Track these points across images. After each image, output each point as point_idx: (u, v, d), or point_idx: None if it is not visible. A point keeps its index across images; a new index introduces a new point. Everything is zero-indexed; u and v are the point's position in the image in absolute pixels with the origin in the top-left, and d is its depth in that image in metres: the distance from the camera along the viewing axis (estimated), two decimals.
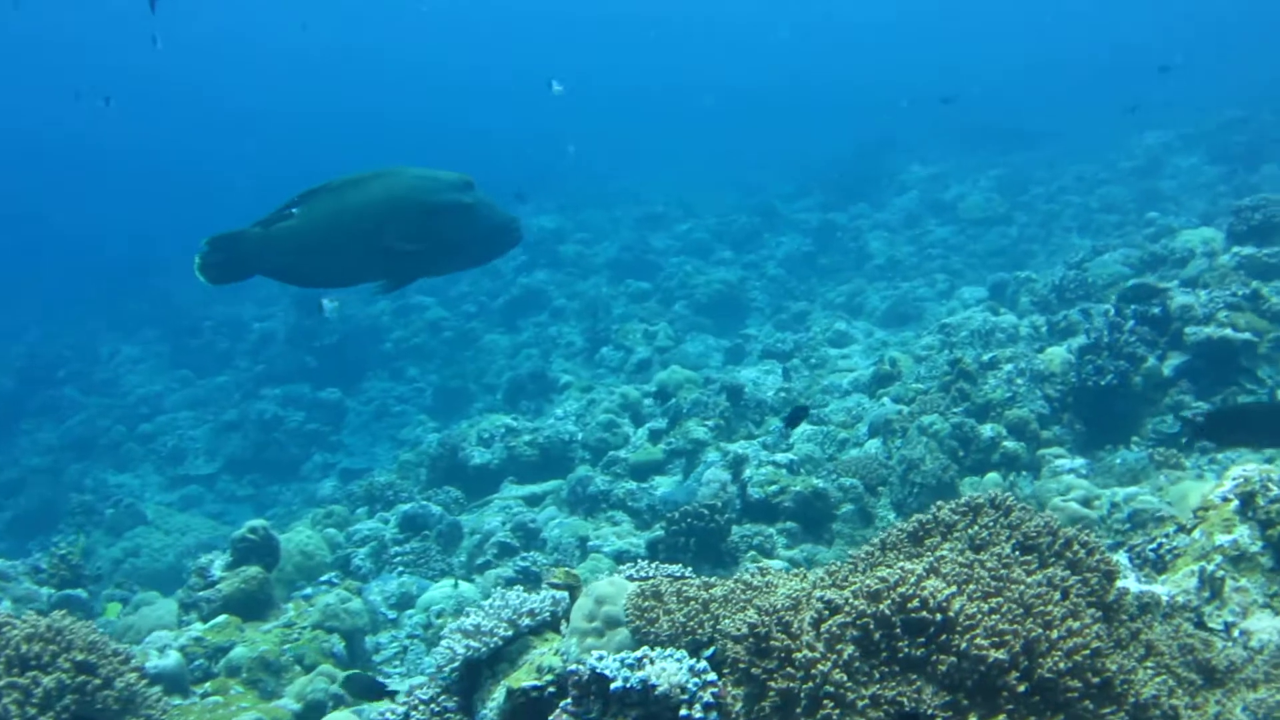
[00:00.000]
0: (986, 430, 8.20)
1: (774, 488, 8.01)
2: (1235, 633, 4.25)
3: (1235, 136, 21.82)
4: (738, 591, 4.03)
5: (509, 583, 7.68)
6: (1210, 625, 4.33)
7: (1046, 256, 17.94)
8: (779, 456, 8.41)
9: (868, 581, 3.35)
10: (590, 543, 8.18)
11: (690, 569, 7.31)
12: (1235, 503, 4.60)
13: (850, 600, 3.29)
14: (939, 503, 4.14)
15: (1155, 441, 8.06)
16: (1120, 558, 4.90)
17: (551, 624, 4.52)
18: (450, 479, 10.43)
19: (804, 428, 9.72)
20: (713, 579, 4.27)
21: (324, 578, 8.23)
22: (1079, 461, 8.00)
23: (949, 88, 33.42)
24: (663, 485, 9.23)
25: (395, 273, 5.79)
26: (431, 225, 5.57)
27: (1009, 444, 8.13)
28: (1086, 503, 6.73)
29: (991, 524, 4.00)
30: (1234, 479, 4.72)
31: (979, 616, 3.16)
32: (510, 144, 36.80)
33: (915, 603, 3.21)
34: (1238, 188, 18.50)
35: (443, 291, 20.00)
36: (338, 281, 6.16)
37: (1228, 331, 8.19)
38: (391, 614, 7.86)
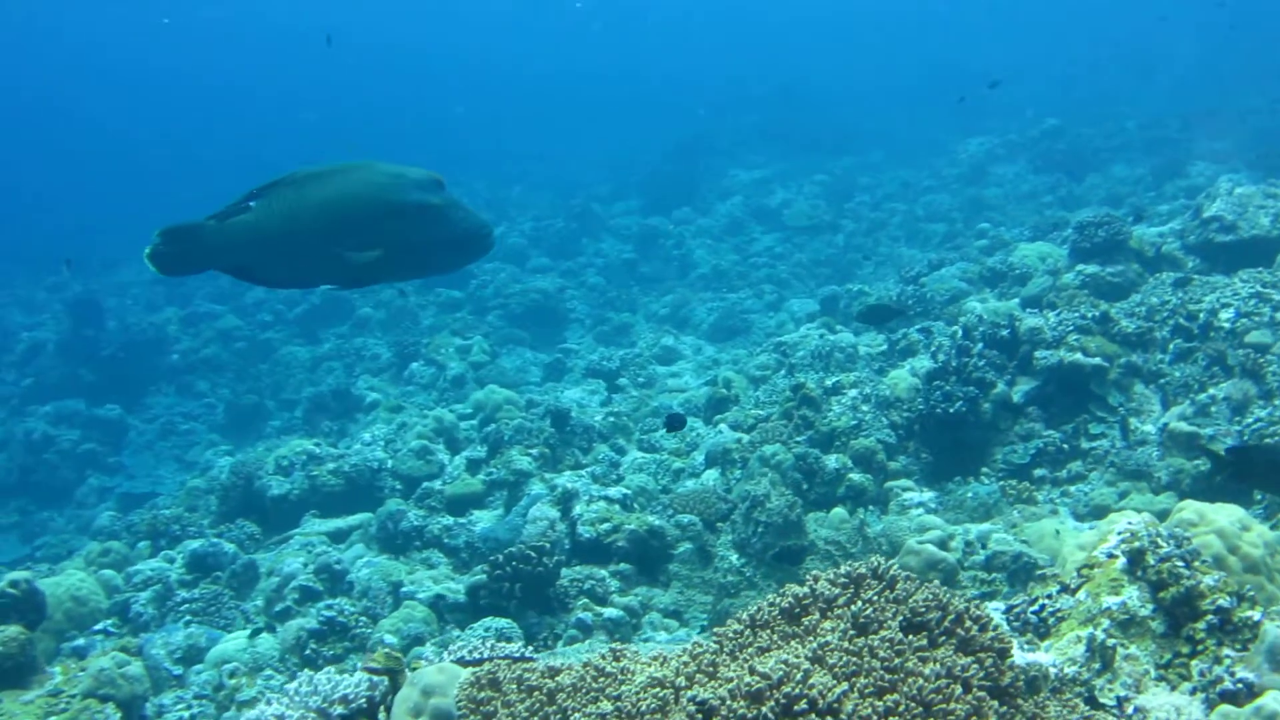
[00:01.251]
0: (831, 461, 7.73)
1: (606, 526, 7.42)
2: (1129, 709, 3.80)
3: (1056, 145, 22.01)
4: (589, 679, 3.42)
5: (314, 635, 6.93)
6: (1102, 700, 3.86)
7: (875, 266, 17.73)
8: (611, 491, 7.81)
9: (747, 679, 2.83)
10: (404, 588, 7.44)
11: (515, 621, 6.82)
12: (1122, 560, 4.14)
13: (727, 702, 2.79)
14: (814, 574, 3.60)
15: (1005, 473, 7.70)
16: (996, 616, 4.42)
17: (369, 712, 3.84)
18: (245, 511, 9.47)
19: (635, 455, 9.15)
20: (558, 662, 3.66)
21: (99, 626, 7.36)
22: (928, 495, 7.60)
23: (769, 88, 33.60)
24: (483, 520, 8.55)
25: (356, 276, 5.34)
26: (394, 226, 5.05)
27: (855, 476, 7.67)
28: (943, 544, 6.27)
29: (876, 598, 3.48)
30: (1119, 534, 4.27)
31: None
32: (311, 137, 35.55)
33: (803, 704, 2.74)
34: (1064, 198, 18.61)
35: (236, 298, 18.87)
36: (297, 281, 5.73)
37: (1078, 356, 7.86)
38: (177, 670, 6.99)
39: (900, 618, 3.38)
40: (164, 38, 51.17)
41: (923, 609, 3.41)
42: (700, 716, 2.81)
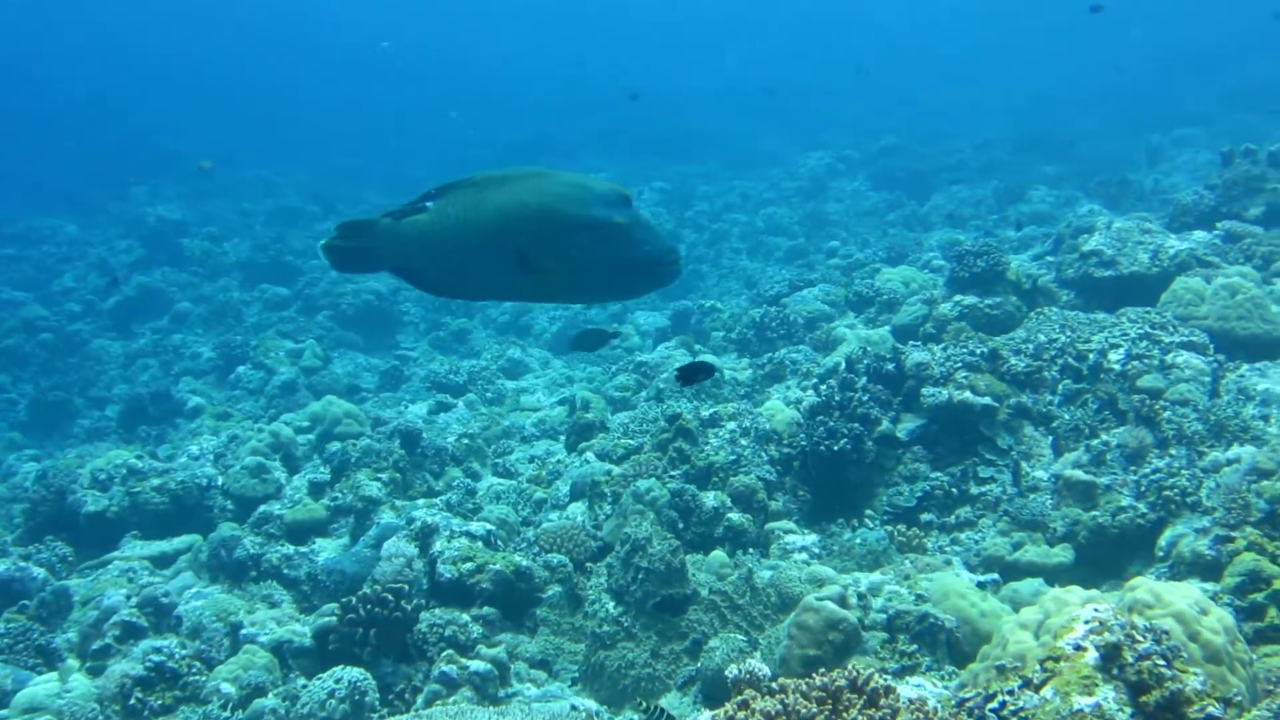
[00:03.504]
0: (709, 499, 7.21)
1: (469, 565, 6.77)
2: None
3: (895, 162, 22.02)
4: None
5: (140, 682, 6.12)
6: None
7: (718, 279, 17.37)
8: (474, 526, 7.14)
9: None
10: (243, 629, 6.67)
11: (369, 671, 6.12)
12: (1094, 655, 3.68)
13: None
14: (784, 683, 3.06)
15: (891, 516, 7.28)
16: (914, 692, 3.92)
17: None
18: (55, 528, 8.47)
19: (491, 481, 8.52)
20: None
21: None
22: (810, 538, 7.13)
23: (611, 91, 33.16)
24: (326, 550, 7.83)
25: (528, 291, 4.90)
26: (572, 242, 4.43)
27: (734, 516, 7.17)
28: (842, 600, 5.78)
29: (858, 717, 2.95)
30: (1086, 622, 3.81)
31: None
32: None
33: None
34: (907, 217, 18.52)
35: (41, 285, 17.62)
36: (465, 291, 5.16)
37: (967, 395, 7.49)
38: None
39: None
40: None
41: None
42: None
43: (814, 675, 3.13)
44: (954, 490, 7.30)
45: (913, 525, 7.16)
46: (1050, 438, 7.51)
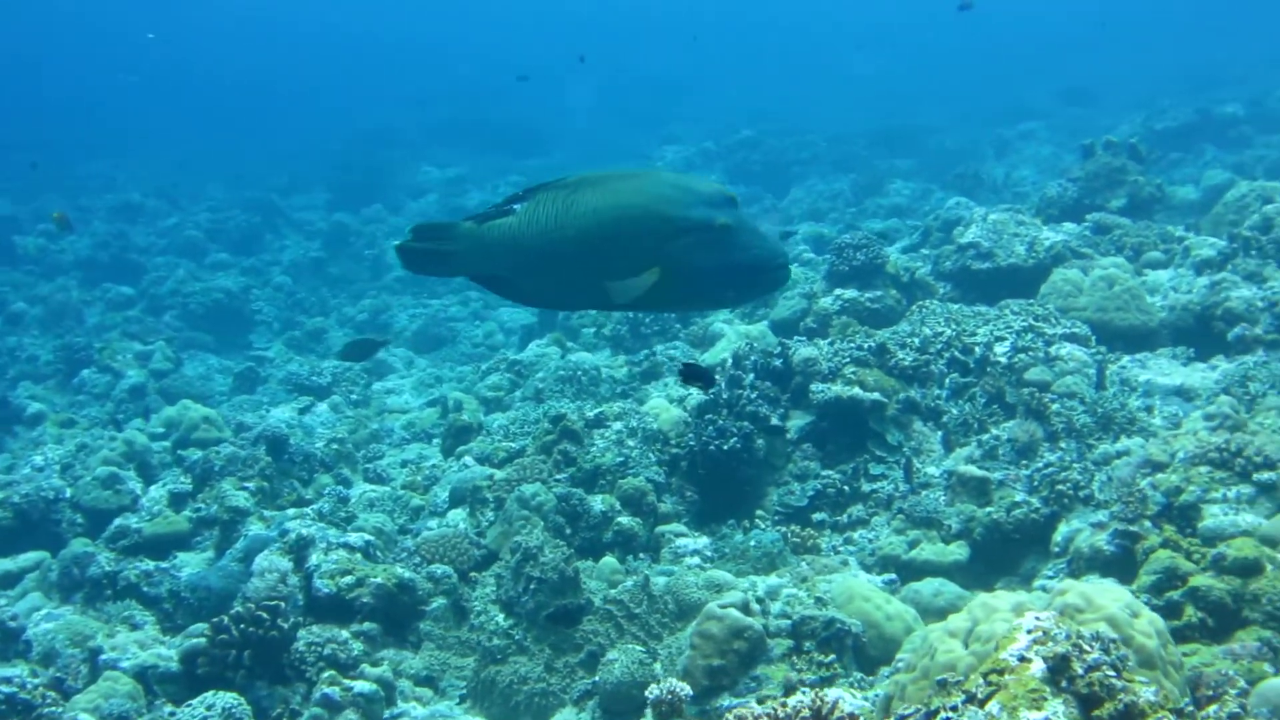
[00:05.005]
0: (598, 503, 6.97)
1: (349, 579, 6.42)
2: None
3: (752, 155, 22.02)
4: None
5: None
6: None
7: None
8: (352, 538, 6.78)
9: None
10: (103, 655, 6.22)
11: (243, 696, 5.74)
12: (1040, 667, 3.51)
13: None
14: (742, 714, 2.84)
15: (783, 516, 7.12)
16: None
17: None
18: None
19: (364, 488, 8.17)
20: None
21: None
22: (702, 541, 6.93)
23: (458, 83, 32.75)
24: (190, 565, 7.40)
25: (625, 300, 4.35)
26: (673, 247, 3.98)
27: (624, 520, 6.94)
28: (745, 607, 5.58)
29: None
30: (1029, 631, 3.65)
31: None
32: None
33: None
34: (768, 210, 18.50)
35: None
36: (557, 300, 4.80)
37: (856, 390, 7.36)
38: None
39: None
40: None
41: None
42: None
43: (774, 704, 2.91)
44: (846, 488, 7.17)
45: (806, 525, 7.02)
46: (940, 433, 7.43)
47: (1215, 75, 26.15)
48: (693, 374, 5.32)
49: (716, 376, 7.44)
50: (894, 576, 6.34)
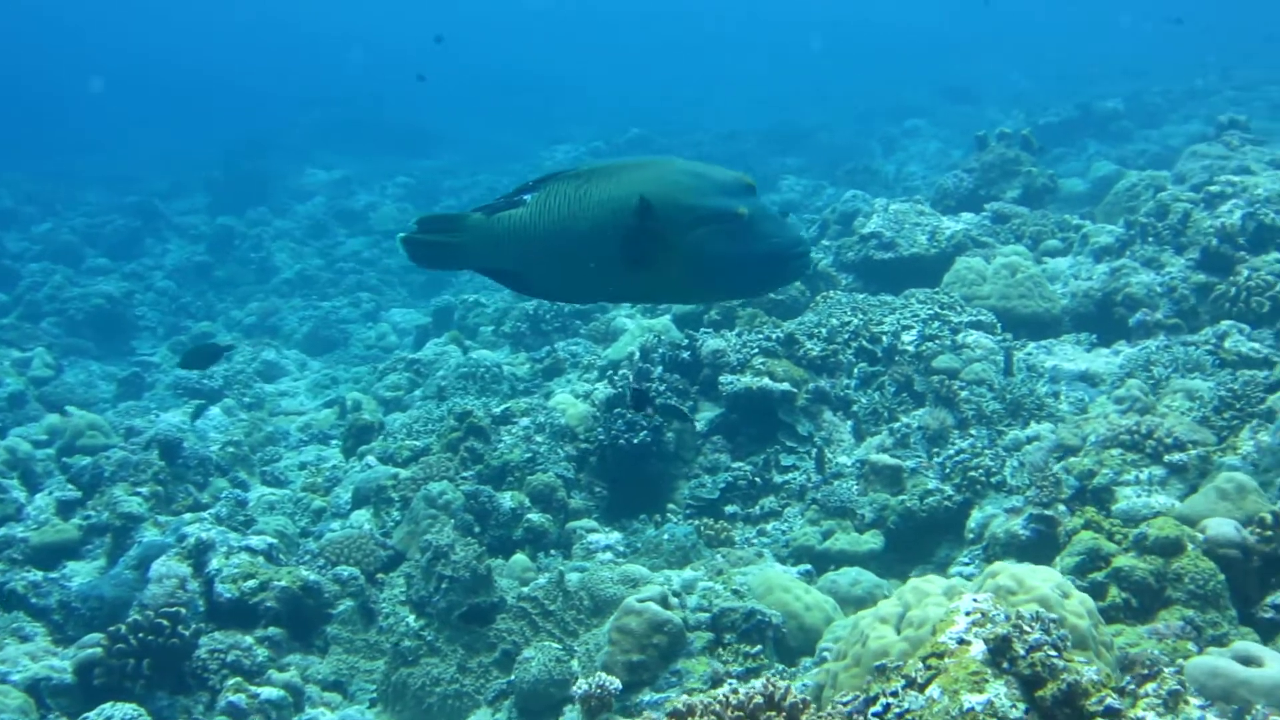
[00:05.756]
0: (507, 500, 6.82)
1: (252, 583, 6.20)
2: None
3: (645, 153, 21.97)
4: None
5: None
6: None
7: (471, 275, 16.92)
8: (254, 541, 6.55)
9: None
10: None
11: (142, 706, 5.51)
12: (980, 648, 3.44)
13: None
14: (692, 703, 2.72)
15: (694, 510, 7.03)
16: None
17: None
18: None
19: (262, 491, 7.93)
20: None
21: None
22: (614, 537, 6.82)
23: (343, 86, 32.28)
24: (80, 574, 7.12)
25: (640, 291, 4.47)
26: (690, 237, 3.82)
27: (534, 516, 6.80)
28: (664, 601, 5.47)
29: None
30: (967, 613, 3.58)
31: None
32: None
33: None
34: None
35: None
36: (570, 293, 4.62)
37: (766, 381, 7.29)
38: None
39: None
40: None
41: None
42: None
43: (726, 693, 2.80)
44: (757, 480, 7.10)
45: (718, 518, 6.93)
46: (850, 422, 7.40)
47: (1089, 73, 26.66)
48: (641, 398, 5.27)
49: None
50: (809, 567, 6.27)
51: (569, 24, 46.94)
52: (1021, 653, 3.33)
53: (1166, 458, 5.88)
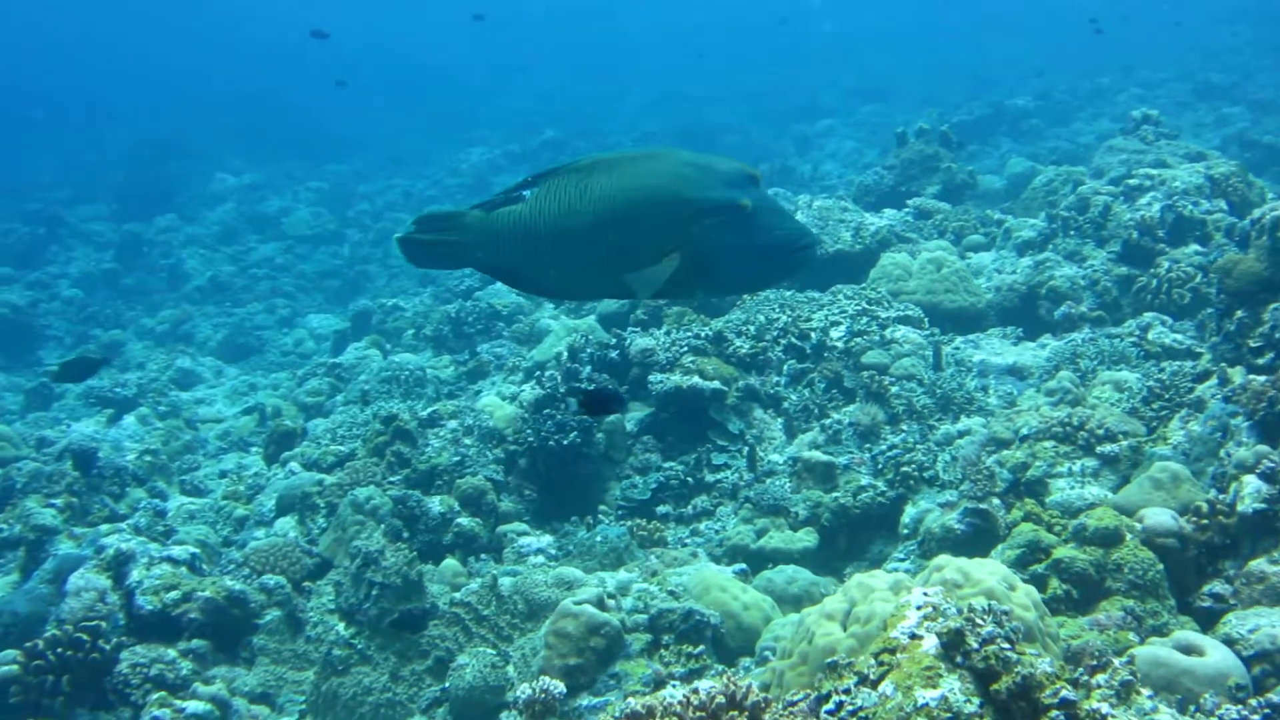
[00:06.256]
0: (435, 504, 6.70)
1: (174, 595, 6.02)
2: None
3: (558, 157, 21.90)
4: None
5: None
6: None
7: (389, 278, 16.78)
8: (176, 551, 6.37)
9: None
10: None
11: None
12: (933, 642, 3.39)
13: None
14: (651, 704, 2.64)
15: (626, 511, 6.96)
16: None
17: None
18: None
19: (181, 500, 7.75)
20: None
21: None
22: (546, 539, 6.73)
23: (249, 89, 31.79)
24: None
25: (644, 288, 4.09)
26: (693, 230, 3.72)
27: (464, 520, 6.69)
28: (601, 603, 5.39)
29: None
30: (918, 607, 3.54)
31: None
32: None
33: None
34: None
35: None
36: (573, 290, 4.52)
37: (696, 380, 7.24)
38: None
39: None
40: None
41: None
42: None
43: (687, 693, 2.72)
44: (689, 479, 7.04)
45: (651, 518, 6.87)
46: (781, 420, 7.36)
47: (996, 74, 26.96)
48: (597, 400, 5.18)
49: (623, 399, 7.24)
50: (744, 566, 6.21)
51: (480, 25, 46.61)
52: (975, 646, 3.28)
53: (1098, 449, 5.91)
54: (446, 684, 5.38)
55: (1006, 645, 3.27)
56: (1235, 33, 26.37)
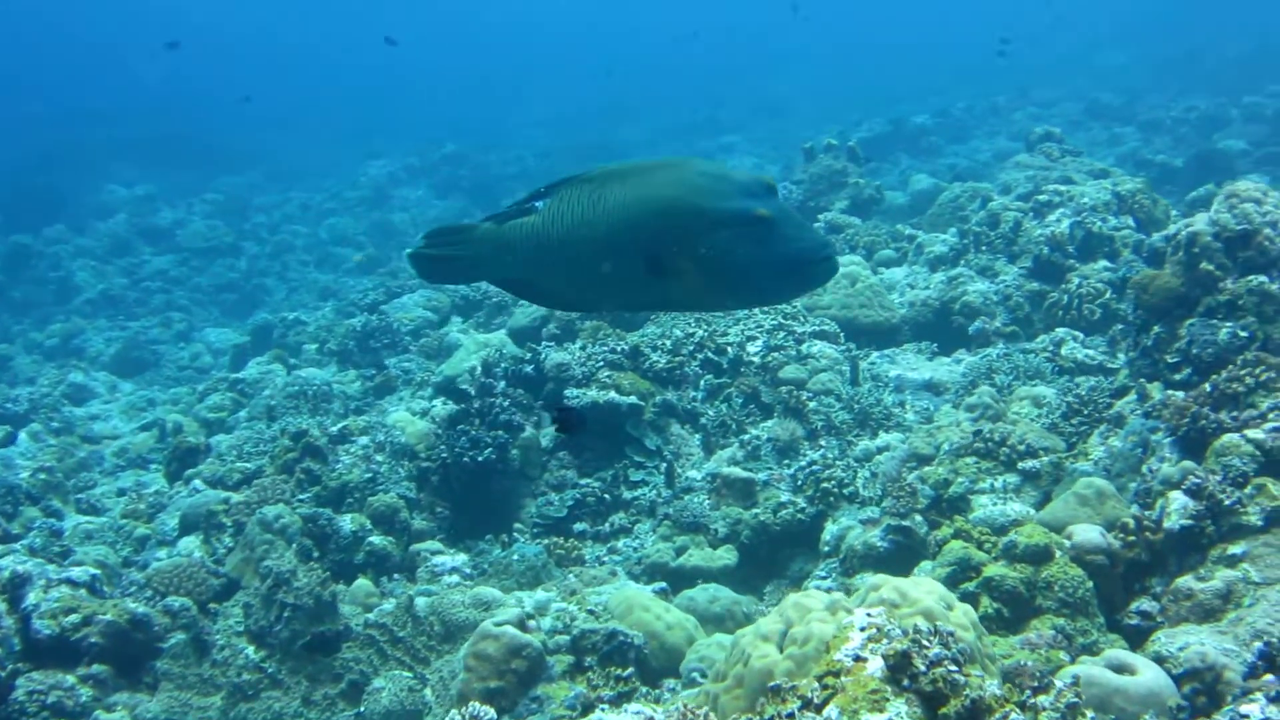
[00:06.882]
0: (347, 523, 6.52)
1: (74, 618, 5.76)
2: None
3: (459, 170, 21.77)
4: None
5: None
6: None
7: (288, 292, 16.48)
8: (75, 572, 6.10)
9: None
10: None
11: None
12: (878, 665, 3.31)
13: None
14: None
15: (543, 529, 6.82)
16: None
17: None
18: None
19: (77, 519, 7.47)
20: None
21: None
22: (460, 558, 6.58)
23: (141, 100, 31.14)
24: None
25: (659, 300, 3.95)
26: (710, 241, 3.60)
27: (376, 539, 6.52)
28: (522, 624, 5.26)
29: None
30: (862, 629, 3.46)
31: None
32: None
33: None
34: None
35: None
36: (587, 302, 4.31)
37: (612, 394, 7.13)
38: None
39: None
40: None
41: None
42: None
43: None
44: (606, 496, 6.93)
45: (568, 536, 6.73)
46: (699, 435, 7.28)
47: (895, 92, 27.27)
48: (568, 419, 5.07)
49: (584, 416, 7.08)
50: (664, 585, 6.11)
51: (379, 39, 46.23)
52: (922, 669, 3.21)
53: (1020, 465, 5.91)
54: (361, 708, 5.25)
55: (954, 668, 3.21)
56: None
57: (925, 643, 3.28)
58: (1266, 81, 19.40)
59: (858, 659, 3.36)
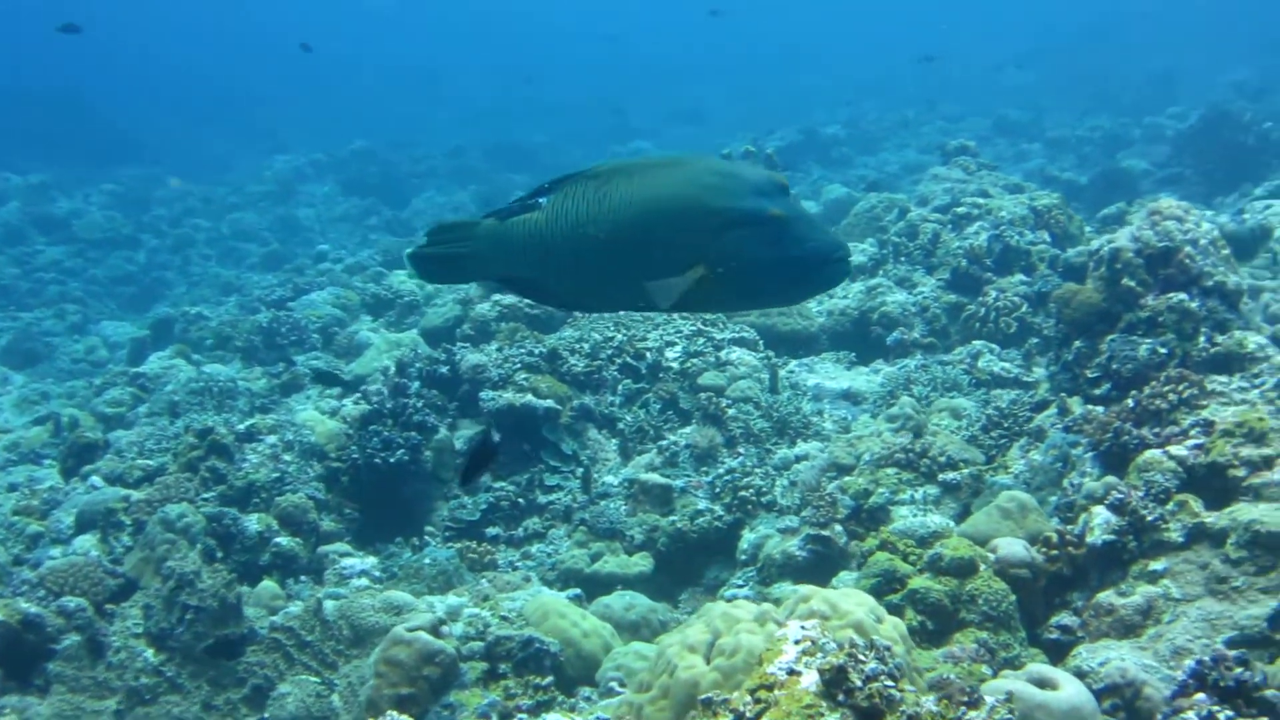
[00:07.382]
0: (253, 523, 6.32)
1: None
2: None
3: (368, 168, 21.51)
4: None
5: None
6: None
7: (189, 286, 16.12)
8: None
9: None
10: None
11: None
12: (813, 679, 3.23)
13: None
14: None
15: (454, 532, 6.69)
16: None
17: None
18: None
19: None
20: None
21: None
22: (370, 561, 6.42)
23: (41, 88, 30.31)
24: None
25: (668, 301, 3.62)
26: (720, 240, 3.43)
27: (283, 540, 6.33)
28: (435, 630, 5.11)
29: None
30: (796, 642, 3.38)
31: None
32: None
33: None
34: (388, 222, 18.15)
35: None
36: (593, 302, 3.99)
37: (529, 398, 7.01)
38: None
39: None
40: None
41: None
42: None
43: None
44: (521, 500, 6.81)
45: (481, 540, 6.60)
46: (616, 440, 7.19)
47: (806, 102, 27.45)
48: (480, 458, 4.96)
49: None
50: (579, 591, 6.00)
51: (284, 32, 45.59)
52: (858, 683, 3.14)
53: (940, 476, 5.89)
54: (266, 714, 5.08)
55: (890, 683, 3.14)
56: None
57: (861, 657, 3.20)
58: (1166, 104, 19.79)
59: (792, 672, 3.27)
